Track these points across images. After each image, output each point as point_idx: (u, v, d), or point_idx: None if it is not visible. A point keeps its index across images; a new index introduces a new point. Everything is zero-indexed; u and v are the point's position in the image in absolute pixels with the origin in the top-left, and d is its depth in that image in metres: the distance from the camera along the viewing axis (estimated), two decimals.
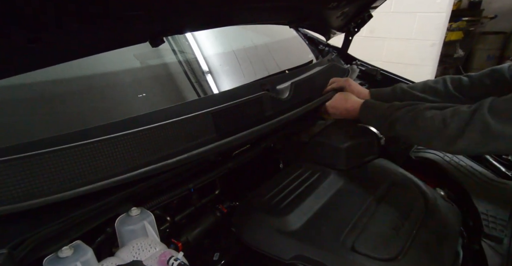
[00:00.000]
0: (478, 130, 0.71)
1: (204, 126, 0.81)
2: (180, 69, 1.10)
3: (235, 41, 1.55)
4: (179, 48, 1.22)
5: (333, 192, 0.89)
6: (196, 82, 1.11)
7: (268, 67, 1.53)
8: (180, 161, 0.69)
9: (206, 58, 1.24)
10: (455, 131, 0.74)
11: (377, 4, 1.50)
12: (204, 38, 1.29)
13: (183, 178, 0.78)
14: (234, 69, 1.35)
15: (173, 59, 1.14)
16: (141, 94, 0.84)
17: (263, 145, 1.06)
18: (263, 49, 1.64)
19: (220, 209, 0.87)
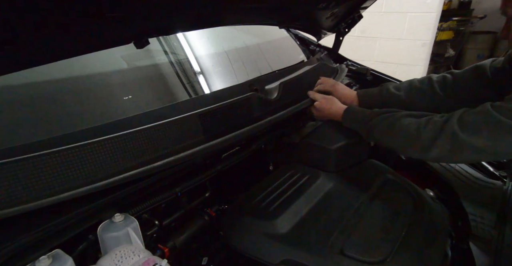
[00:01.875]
0: (448, 139, 0.75)
1: (191, 129, 0.80)
2: (168, 70, 1.09)
3: (225, 42, 1.53)
4: (167, 48, 1.20)
5: (323, 194, 0.88)
6: (184, 84, 1.10)
7: (258, 68, 1.52)
8: (165, 164, 0.68)
9: (195, 59, 1.22)
10: (427, 140, 0.78)
11: (367, 4, 1.50)
12: (193, 38, 1.27)
13: (170, 181, 0.77)
14: (223, 70, 1.34)
15: (162, 60, 1.12)
16: (127, 96, 0.82)
17: (253, 146, 1.05)
18: (254, 49, 1.63)
19: (208, 212, 0.86)
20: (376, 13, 3.80)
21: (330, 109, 1.12)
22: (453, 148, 0.75)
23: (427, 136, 0.78)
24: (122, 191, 0.61)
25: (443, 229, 0.88)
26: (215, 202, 0.93)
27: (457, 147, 0.74)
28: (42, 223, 0.51)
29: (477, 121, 0.73)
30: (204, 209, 0.87)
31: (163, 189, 0.74)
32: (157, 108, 0.77)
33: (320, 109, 1.14)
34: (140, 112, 0.75)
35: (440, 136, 0.76)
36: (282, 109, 1.13)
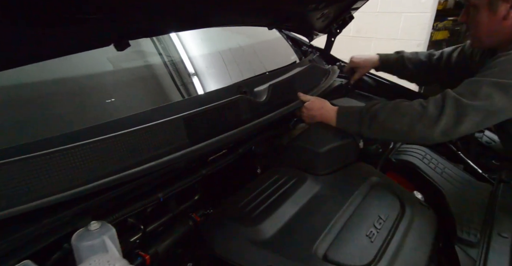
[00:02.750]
0: (453, 106, 0.84)
1: (174, 133, 0.79)
2: (154, 72, 1.07)
3: (216, 42, 1.52)
4: (154, 50, 1.18)
5: (309, 198, 0.87)
6: (172, 86, 1.08)
7: (249, 69, 1.51)
8: (145, 170, 0.67)
9: (183, 60, 1.21)
10: (434, 111, 0.86)
11: (358, 5, 1.50)
12: (182, 39, 1.26)
13: (152, 186, 0.76)
14: (213, 72, 1.33)
15: (148, 61, 1.11)
16: (109, 99, 0.81)
17: (241, 149, 1.04)
18: (246, 50, 1.62)
19: (193, 217, 0.84)
20: (371, 13, 3.80)
21: (321, 109, 1.11)
22: (459, 114, 0.83)
23: (433, 108, 0.86)
24: (99, 198, 0.60)
25: (430, 233, 0.88)
26: (205, 205, 0.92)
27: (462, 112, 0.83)
28: (12, 232, 0.50)
29: (471, 87, 0.86)
30: (189, 214, 0.86)
31: (144, 194, 0.73)
32: (139, 112, 0.76)
33: (311, 109, 1.14)
34: (122, 116, 0.74)
35: (446, 105, 0.85)
36: (271, 112, 1.12)
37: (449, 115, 0.84)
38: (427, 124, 0.86)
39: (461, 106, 0.84)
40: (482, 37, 1.04)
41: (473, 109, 0.83)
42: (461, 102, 0.84)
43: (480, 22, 1.00)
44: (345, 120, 1.04)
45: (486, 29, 1.00)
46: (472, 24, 1.04)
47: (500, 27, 0.98)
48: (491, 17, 0.97)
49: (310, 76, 1.44)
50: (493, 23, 0.98)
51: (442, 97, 0.88)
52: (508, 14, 0.95)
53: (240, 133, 0.97)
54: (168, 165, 0.73)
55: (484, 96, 0.83)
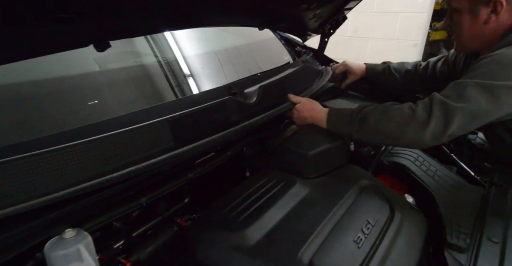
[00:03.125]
0: (441, 109, 0.84)
1: (158, 136, 0.77)
2: (142, 73, 1.06)
3: (208, 43, 1.50)
4: (143, 50, 1.16)
5: (297, 202, 0.86)
6: (158, 88, 1.07)
7: (242, 70, 1.49)
8: (126, 174, 0.65)
9: (172, 61, 1.19)
10: (423, 115, 0.86)
11: (351, 6, 1.48)
12: (170, 38, 1.24)
13: (136, 191, 0.74)
14: (203, 73, 1.31)
15: (136, 62, 1.09)
16: (92, 101, 0.79)
17: (229, 152, 1.02)
18: (238, 51, 1.60)
19: (179, 222, 0.83)
20: (367, 13, 3.80)
21: (312, 111, 1.10)
22: (446, 116, 0.83)
23: (422, 111, 0.86)
24: (77, 204, 0.58)
25: (420, 237, 0.87)
26: (187, 210, 0.90)
27: (449, 115, 0.83)
28: None
29: (456, 89, 0.86)
30: (174, 219, 0.84)
31: (126, 199, 0.71)
32: (121, 115, 0.74)
33: (302, 111, 1.12)
34: (104, 118, 0.73)
35: (433, 108, 0.85)
36: (261, 114, 1.10)
37: (437, 118, 0.84)
38: (416, 128, 0.86)
39: (448, 109, 0.84)
40: (465, 41, 1.05)
41: (460, 111, 0.83)
42: (448, 104, 0.84)
43: (463, 27, 1.02)
44: (335, 123, 1.04)
45: (468, 33, 1.02)
46: (455, 28, 1.06)
47: (482, 31, 0.99)
48: (473, 22, 0.99)
49: (303, 77, 1.43)
50: (475, 28, 0.99)
51: (430, 101, 0.88)
52: (489, 18, 0.96)
53: (228, 135, 0.95)
54: (151, 169, 0.71)
55: (469, 98, 0.83)
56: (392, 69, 1.48)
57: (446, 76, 1.32)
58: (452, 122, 0.83)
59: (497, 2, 0.93)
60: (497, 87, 0.82)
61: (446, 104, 0.84)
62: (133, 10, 0.67)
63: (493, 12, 0.95)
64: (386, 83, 1.52)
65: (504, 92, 0.82)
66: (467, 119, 0.84)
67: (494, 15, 0.95)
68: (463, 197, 1.03)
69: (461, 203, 1.00)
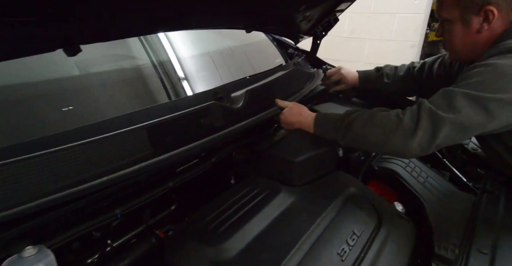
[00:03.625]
0: (429, 119, 0.81)
1: (135, 144, 0.75)
2: (123, 77, 1.02)
3: (196, 44, 1.47)
4: (127, 53, 1.13)
5: (280, 212, 0.83)
6: (140, 93, 1.04)
7: (231, 73, 1.46)
8: (97, 185, 0.62)
9: (157, 64, 1.16)
10: (410, 124, 0.83)
11: (342, 7, 1.45)
12: (156, 40, 1.20)
13: (110, 202, 0.71)
14: (190, 77, 1.28)
15: (118, 66, 1.06)
16: (66, 107, 0.76)
17: (213, 159, 0.99)
18: (228, 53, 1.57)
19: (157, 234, 0.79)
20: (364, 14, 3.77)
21: (300, 116, 1.08)
22: (434, 127, 0.80)
23: (409, 120, 0.83)
24: (40, 219, 0.56)
25: (407, 248, 0.84)
26: (168, 220, 0.87)
27: (437, 126, 0.80)
28: None
29: (446, 98, 0.83)
30: (153, 230, 0.81)
31: (99, 211, 0.68)
32: (96, 122, 0.71)
33: (289, 115, 1.10)
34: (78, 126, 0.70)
35: (421, 118, 0.82)
36: (247, 119, 1.07)
37: (425, 128, 0.81)
38: (402, 137, 0.83)
39: (436, 119, 0.81)
40: (458, 50, 1.04)
41: (449, 122, 0.80)
42: (437, 114, 0.81)
43: (455, 36, 1.00)
44: (322, 128, 1.01)
45: (461, 43, 1.00)
46: (447, 38, 1.03)
47: (474, 41, 0.97)
48: (465, 31, 0.97)
49: (293, 81, 1.40)
50: (467, 37, 0.97)
51: (418, 109, 0.85)
52: (482, 27, 0.94)
53: (212, 142, 0.92)
54: (124, 180, 0.68)
55: (459, 109, 0.80)
56: (384, 77, 1.46)
57: (443, 78, 1.29)
58: (440, 133, 0.80)
59: (488, 11, 0.90)
60: (488, 100, 0.79)
61: (435, 115, 0.81)
62: (106, 13, 0.64)
63: (485, 21, 0.92)
64: (380, 90, 1.50)
65: (495, 106, 0.79)
66: (456, 131, 0.81)
67: (486, 24, 0.93)
68: (454, 205, 1.00)
69: (451, 212, 0.97)
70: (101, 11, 0.62)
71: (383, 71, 1.48)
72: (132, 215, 0.86)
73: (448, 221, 0.92)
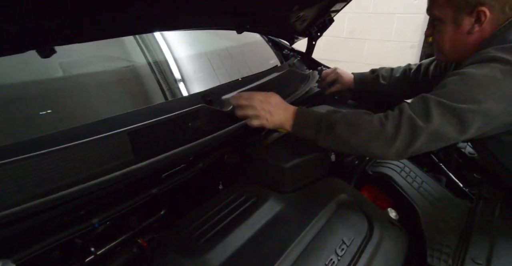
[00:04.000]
0: (409, 127, 0.82)
1: (114, 150, 0.72)
2: (110, 79, 0.99)
3: (187, 45, 1.44)
4: (113, 54, 1.10)
5: (267, 221, 0.80)
6: (128, 95, 1.01)
7: (223, 75, 1.43)
8: (70, 194, 0.59)
9: (144, 66, 1.13)
10: (391, 130, 0.83)
11: (337, 8, 1.42)
12: (145, 40, 1.17)
13: (87, 211, 0.68)
14: (182, 78, 1.25)
15: (104, 67, 1.03)
16: (44, 111, 0.73)
17: (201, 164, 0.96)
18: (222, 54, 1.54)
19: (139, 243, 0.76)
20: (364, 14, 3.74)
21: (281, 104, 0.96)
22: (412, 135, 0.81)
23: (391, 125, 0.83)
24: (6, 230, 0.53)
25: (399, 258, 0.81)
26: (151, 228, 0.84)
27: (415, 134, 0.81)
28: None
29: (424, 106, 0.83)
30: (135, 238, 0.78)
31: (74, 220, 0.65)
32: (73, 127, 0.68)
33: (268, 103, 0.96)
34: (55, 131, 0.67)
35: (402, 124, 0.82)
36: (236, 122, 1.04)
37: (404, 136, 0.82)
38: (383, 144, 0.83)
39: (414, 127, 0.81)
40: (447, 51, 1.02)
41: (426, 131, 0.81)
42: (416, 123, 0.81)
43: (445, 36, 0.98)
44: (301, 126, 0.93)
45: (450, 43, 0.98)
46: (437, 38, 1.02)
47: (465, 42, 0.95)
48: (456, 32, 0.95)
49: (287, 82, 1.37)
50: (458, 38, 0.96)
51: (399, 115, 0.85)
52: (473, 28, 0.92)
53: (198, 147, 0.89)
54: (101, 188, 0.65)
55: (434, 118, 0.81)
56: (380, 78, 1.44)
57: (439, 80, 1.25)
58: (416, 141, 0.81)
59: (481, 12, 0.89)
60: (460, 110, 0.79)
61: (414, 123, 0.82)
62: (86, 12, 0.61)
63: (477, 22, 0.91)
64: (376, 92, 1.47)
65: (470, 117, 0.79)
66: (432, 140, 0.82)
67: (477, 25, 0.91)
68: (449, 211, 0.97)
69: (446, 219, 0.94)
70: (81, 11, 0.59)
71: (379, 73, 1.46)
72: (119, 221, 0.83)
73: (442, 229, 0.89)
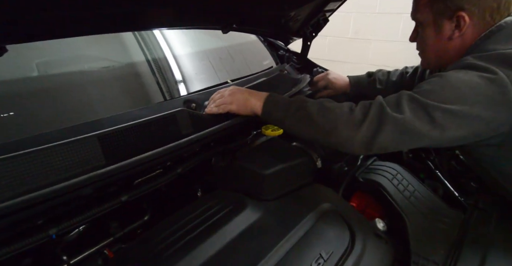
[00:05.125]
0: (376, 113, 0.80)
1: (84, 154, 0.69)
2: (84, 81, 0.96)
3: (176, 44, 1.39)
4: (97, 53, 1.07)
5: (240, 232, 0.75)
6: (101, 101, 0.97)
7: (212, 77, 1.39)
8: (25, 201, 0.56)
9: (124, 66, 1.10)
10: (359, 116, 0.81)
11: (332, 7, 1.37)
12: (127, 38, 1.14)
13: (45, 220, 0.65)
14: (166, 82, 1.21)
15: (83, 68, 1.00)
16: (7, 113, 0.70)
17: (179, 169, 0.92)
18: (212, 55, 1.50)
19: (106, 254, 0.73)
20: (369, 14, 3.66)
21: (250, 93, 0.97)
22: (379, 121, 0.78)
23: (359, 113, 0.81)
24: None
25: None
26: (118, 237, 0.80)
27: (382, 120, 0.78)
28: None
29: (398, 98, 0.81)
30: (101, 249, 0.74)
31: (30, 230, 0.62)
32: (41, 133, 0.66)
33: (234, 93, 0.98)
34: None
35: (370, 110, 0.80)
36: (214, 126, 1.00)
37: (371, 121, 0.79)
38: (350, 127, 0.81)
39: (382, 114, 0.79)
40: (429, 57, 0.99)
41: (392, 120, 0.77)
42: (384, 110, 0.79)
43: (427, 42, 0.96)
44: (271, 105, 0.93)
45: (432, 49, 0.96)
46: (420, 43, 1.00)
47: (445, 48, 0.92)
48: (436, 37, 0.93)
49: (276, 86, 1.32)
50: (439, 43, 0.93)
51: (370, 103, 0.83)
52: (453, 34, 0.89)
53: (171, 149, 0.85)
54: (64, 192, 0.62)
55: (403, 110, 0.78)
56: (377, 83, 1.40)
57: None
58: (382, 130, 0.77)
59: (460, 17, 0.86)
60: (432, 107, 0.76)
61: (383, 110, 0.79)
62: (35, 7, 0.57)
63: (457, 28, 0.89)
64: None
65: (440, 116, 0.75)
66: (398, 132, 0.77)
67: (457, 31, 0.89)
68: (440, 223, 0.92)
69: (436, 230, 0.88)
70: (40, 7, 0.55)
71: (375, 76, 1.42)
72: (93, 228, 0.81)
73: (431, 242, 0.83)
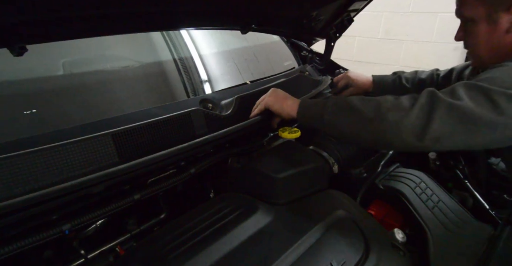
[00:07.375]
0: (426, 97, 0.73)
1: (97, 152, 0.70)
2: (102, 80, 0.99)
3: (199, 44, 1.40)
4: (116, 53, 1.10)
5: (250, 235, 0.74)
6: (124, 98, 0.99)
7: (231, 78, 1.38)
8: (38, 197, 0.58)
9: (145, 66, 1.12)
10: (406, 102, 0.74)
11: (357, 7, 1.33)
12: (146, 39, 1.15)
13: (59, 216, 0.67)
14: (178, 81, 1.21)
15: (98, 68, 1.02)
16: (29, 111, 0.73)
17: (192, 169, 0.91)
18: (234, 56, 1.50)
19: (117, 251, 0.74)
20: (402, 14, 3.52)
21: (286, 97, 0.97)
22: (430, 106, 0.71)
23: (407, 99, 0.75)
24: None
25: None
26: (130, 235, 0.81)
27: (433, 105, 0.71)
28: None
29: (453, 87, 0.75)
30: (115, 246, 0.75)
31: (43, 226, 0.64)
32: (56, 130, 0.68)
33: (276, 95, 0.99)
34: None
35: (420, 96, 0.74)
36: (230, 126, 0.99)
37: (421, 106, 0.72)
38: (397, 111, 0.73)
39: (434, 99, 0.72)
40: (483, 55, 0.91)
41: (446, 105, 0.70)
42: (436, 94, 0.73)
43: (479, 38, 0.89)
44: (307, 106, 0.90)
45: (486, 45, 0.88)
46: (470, 41, 0.93)
47: (502, 42, 0.85)
48: (492, 31, 0.86)
49: (295, 88, 1.29)
50: (495, 38, 0.86)
51: (420, 92, 0.76)
52: (511, 26, 0.82)
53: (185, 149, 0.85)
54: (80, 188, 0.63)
55: (460, 96, 0.71)
56: (403, 79, 1.32)
57: None
58: (435, 116, 0.70)
59: None
60: (494, 92, 0.69)
61: (434, 94, 0.73)
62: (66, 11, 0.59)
63: None
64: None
65: (505, 100, 0.68)
66: (455, 118, 0.69)
67: None
68: (466, 237, 0.85)
69: (460, 245, 0.82)
70: None
71: (402, 74, 1.34)
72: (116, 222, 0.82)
73: (453, 257, 0.77)
